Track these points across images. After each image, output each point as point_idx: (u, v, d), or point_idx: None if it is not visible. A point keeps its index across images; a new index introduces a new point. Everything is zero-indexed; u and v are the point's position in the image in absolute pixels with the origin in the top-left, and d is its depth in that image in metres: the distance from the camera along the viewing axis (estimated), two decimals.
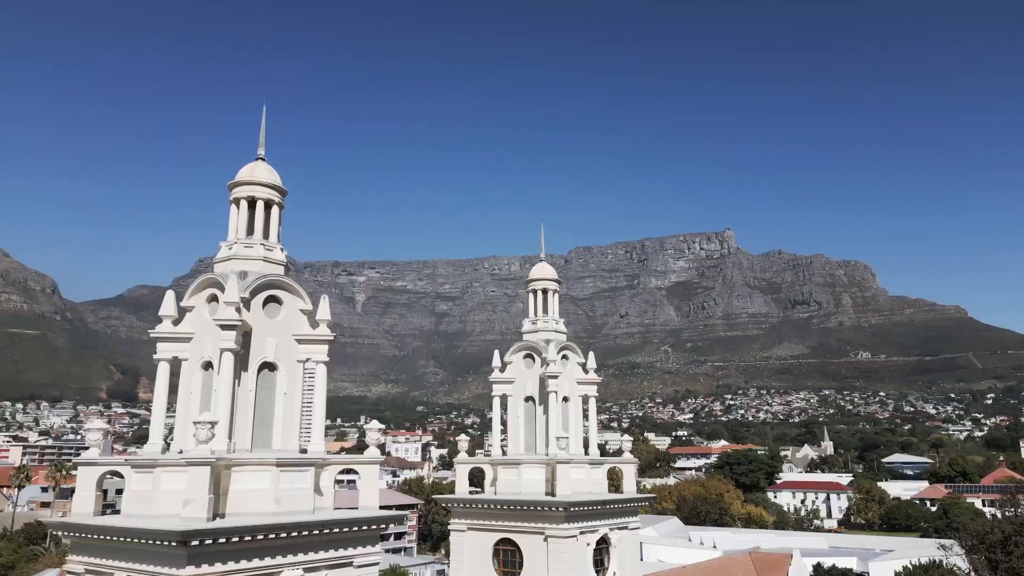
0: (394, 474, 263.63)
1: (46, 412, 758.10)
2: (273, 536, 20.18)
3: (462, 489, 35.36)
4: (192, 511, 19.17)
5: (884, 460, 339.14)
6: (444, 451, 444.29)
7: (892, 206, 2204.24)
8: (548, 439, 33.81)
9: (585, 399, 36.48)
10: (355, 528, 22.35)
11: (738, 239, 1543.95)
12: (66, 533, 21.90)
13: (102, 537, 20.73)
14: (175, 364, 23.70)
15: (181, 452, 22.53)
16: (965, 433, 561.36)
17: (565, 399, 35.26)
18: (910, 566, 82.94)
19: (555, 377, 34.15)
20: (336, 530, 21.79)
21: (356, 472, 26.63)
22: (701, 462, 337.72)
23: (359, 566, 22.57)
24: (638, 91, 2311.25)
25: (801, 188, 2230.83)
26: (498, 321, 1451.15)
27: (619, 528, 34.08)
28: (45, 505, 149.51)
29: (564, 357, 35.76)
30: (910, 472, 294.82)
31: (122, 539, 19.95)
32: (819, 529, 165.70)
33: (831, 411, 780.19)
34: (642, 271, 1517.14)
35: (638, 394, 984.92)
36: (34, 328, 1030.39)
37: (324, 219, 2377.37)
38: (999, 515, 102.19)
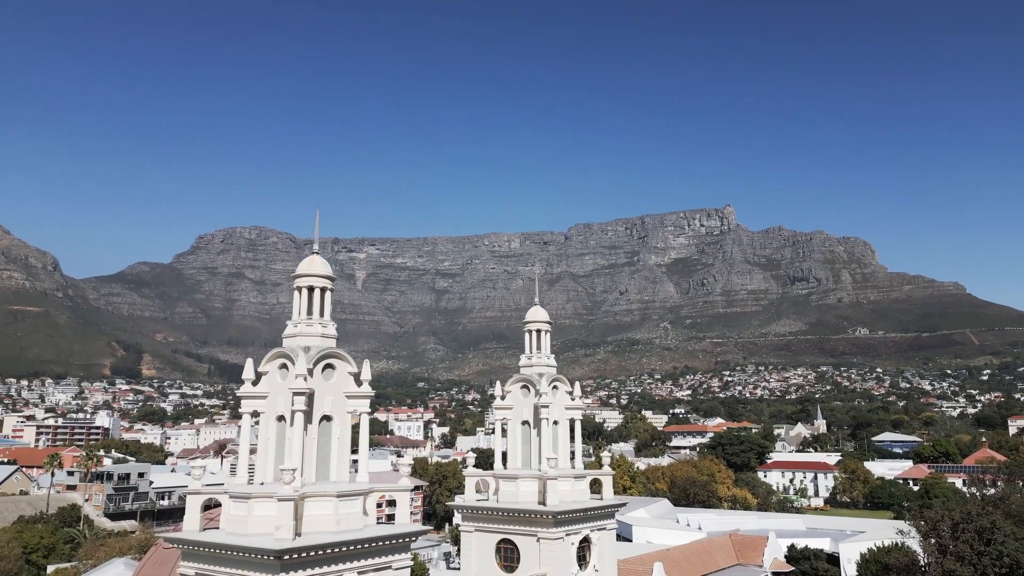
0: (398, 454, 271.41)
1: (51, 389, 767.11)
2: (337, 550, 27.75)
3: (470, 497, 43.06)
4: (282, 533, 26.74)
5: (874, 439, 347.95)
6: (446, 429, 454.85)
7: (892, 183, 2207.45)
8: (541, 457, 41.36)
9: (572, 422, 43.99)
10: (393, 541, 29.92)
11: (738, 216, 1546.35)
12: (180, 545, 29.36)
13: (209, 550, 28.29)
14: (254, 415, 31.11)
15: (263, 484, 30.02)
16: (959, 410, 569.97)
17: (555, 423, 42.78)
18: (875, 548, 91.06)
19: (547, 406, 41.70)
20: (380, 543, 29.34)
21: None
22: (696, 440, 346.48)
23: (396, 568, 30.18)
24: (639, 68, 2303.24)
25: (802, 165, 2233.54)
26: (498, 298, 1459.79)
27: (598, 529, 41.82)
28: (71, 488, 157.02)
29: (554, 388, 43.22)
30: (899, 450, 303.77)
31: (228, 552, 27.50)
32: (799, 510, 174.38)
33: (828, 387, 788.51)
34: (642, 248, 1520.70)
35: (637, 370, 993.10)
36: (36, 305, 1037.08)
37: (324, 196, 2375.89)
38: (977, 494, 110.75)
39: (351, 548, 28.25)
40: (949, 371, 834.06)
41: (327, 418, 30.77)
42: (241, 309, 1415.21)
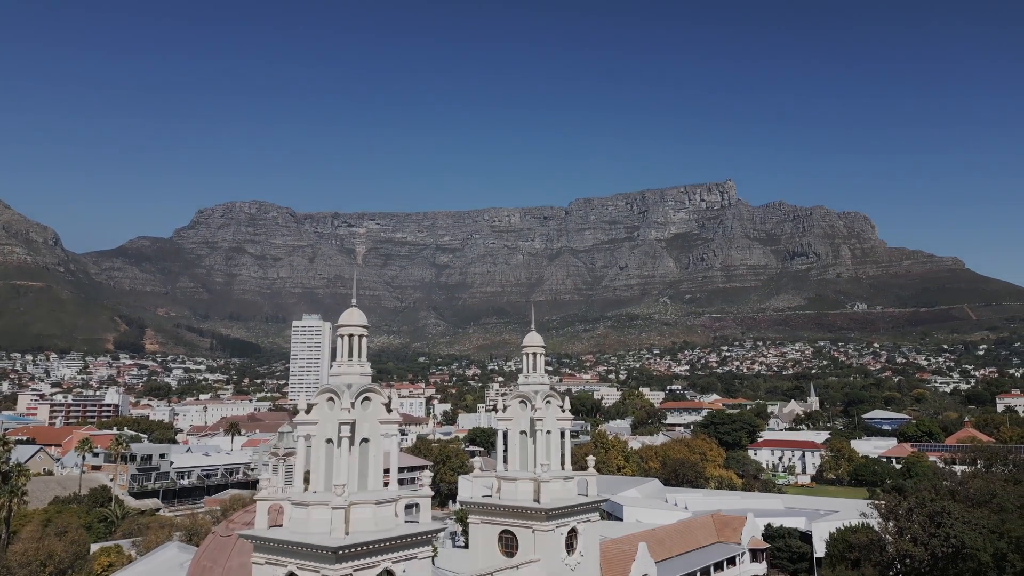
0: (402, 432, 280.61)
1: (56, 363, 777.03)
2: (376, 545, 35.95)
3: (476, 494, 51.48)
4: (336, 533, 34.97)
5: (865, 416, 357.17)
6: (447, 406, 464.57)
7: (893, 158, 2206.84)
8: (536, 462, 49.62)
9: (562, 431, 52.19)
10: (418, 537, 38.15)
11: (739, 190, 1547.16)
12: (254, 540, 37.58)
13: (278, 544, 36.51)
14: (307, 438, 39.24)
15: (315, 492, 38.19)
16: (952, 386, 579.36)
17: (548, 432, 50.94)
18: (842, 527, 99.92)
19: (541, 419, 49.87)
20: (408, 539, 37.56)
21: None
22: (691, 418, 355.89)
23: (421, 559, 38.46)
24: (639, 42, 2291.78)
25: (803, 140, 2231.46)
26: (498, 273, 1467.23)
27: (584, 521, 50.21)
28: (96, 468, 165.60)
29: (548, 403, 51.31)
30: (888, 428, 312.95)
31: (293, 547, 35.73)
32: (783, 489, 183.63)
33: (825, 363, 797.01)
34: (642, 223, 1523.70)
35: (636, 345, 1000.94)
36: (38, 280, 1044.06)
37: (324, 171, 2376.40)
38: (958, 472, 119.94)
39: (387, 544, 36.46)
40: (946, 346, 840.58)
41: (365, 440, 38.90)
42: (242, 284, 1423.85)
